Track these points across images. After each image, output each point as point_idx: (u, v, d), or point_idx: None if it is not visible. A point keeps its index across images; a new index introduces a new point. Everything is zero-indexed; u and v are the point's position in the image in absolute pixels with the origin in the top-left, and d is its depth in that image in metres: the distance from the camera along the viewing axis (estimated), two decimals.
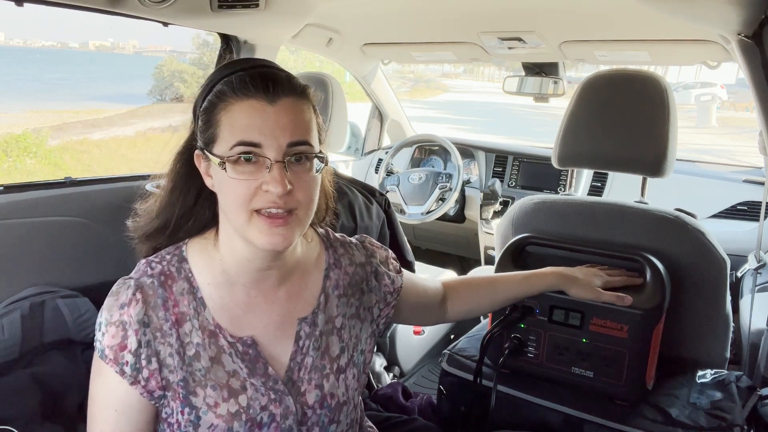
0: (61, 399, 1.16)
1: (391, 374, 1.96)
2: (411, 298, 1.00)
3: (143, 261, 0.82)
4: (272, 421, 0.80)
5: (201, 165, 0.80)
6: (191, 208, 0.83)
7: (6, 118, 12.38)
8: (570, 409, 1.07)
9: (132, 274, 0.80)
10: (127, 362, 0.76)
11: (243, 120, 0.73)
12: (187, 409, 0.78)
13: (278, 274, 0.84)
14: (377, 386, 1.65)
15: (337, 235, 0.96)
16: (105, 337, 0.76)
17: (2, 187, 1.35)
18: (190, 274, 0.81)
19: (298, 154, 0.75)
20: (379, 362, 1.91)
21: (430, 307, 1.05)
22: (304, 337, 0.84)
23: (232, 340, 0.80)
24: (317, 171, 0.77)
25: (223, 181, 0.75)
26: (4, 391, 1.12)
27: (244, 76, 0.75)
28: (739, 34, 1.03)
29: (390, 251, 1.00)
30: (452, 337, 2.32)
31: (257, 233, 0.74)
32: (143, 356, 0.76)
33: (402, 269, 1.00)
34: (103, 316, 0.77)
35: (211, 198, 0.82)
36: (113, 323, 0.76)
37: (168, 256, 0.82)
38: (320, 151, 0.78)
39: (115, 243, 0.87)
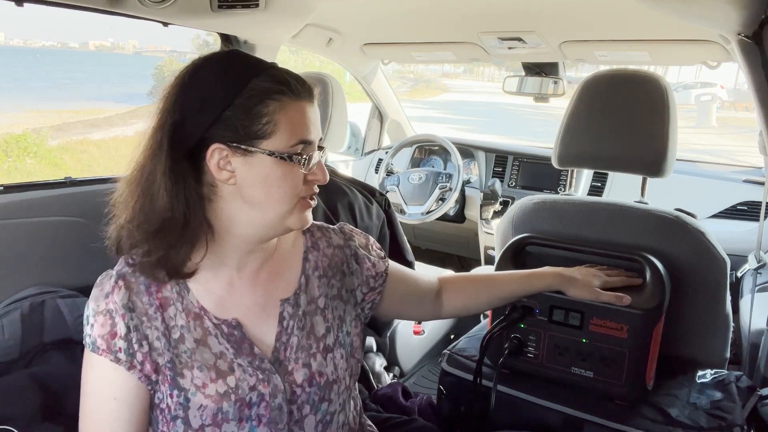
0: (61, 399, 1.16)
1: (391, 374, 1.96)
2: (401, 286, 1.01)
3: (124, 255, 0.83)
4: (261, 400, 0.81)
5: (213, 158, 0.77)
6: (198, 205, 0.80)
7: (6, 118, 12.37)
8: (570, 409, 1.07)
9: (115, 267, 0.83)
10: (120, 348, 0.77)
11: (301, 119, 0.81)
12: (175, 392, 0.79)
13: (261, 256, 0.87)
14: (377, 386, 1.65)
15: (315, 221, 0.97)
16: (94, 328, 0.78)
17: (2, 187, 1.34)
18: None
19: (319, 148, 0.85)
20: (379, 362, 1.91)
21: (424, 299, 1.05)
22: (287, 317, 0.86)
23: (217, 322, 0.82)
24: None
25: (270, 174, 0.79)
26: (4, 391, 1.12)
27: (289, 78, 0.80)
28: (739, 34, 1.03)
29: (371, 238, 1.02)
30: (452, 337, 2.32)
31: (299, 217, 0.83)
32: (134, 340, 0.78)
33: (387, 257, 1.01)
34: (89, 308, 0.79)
35: (196, 191, 0.79)
36: (100, 312, 0.78)
37: None
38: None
39: None
